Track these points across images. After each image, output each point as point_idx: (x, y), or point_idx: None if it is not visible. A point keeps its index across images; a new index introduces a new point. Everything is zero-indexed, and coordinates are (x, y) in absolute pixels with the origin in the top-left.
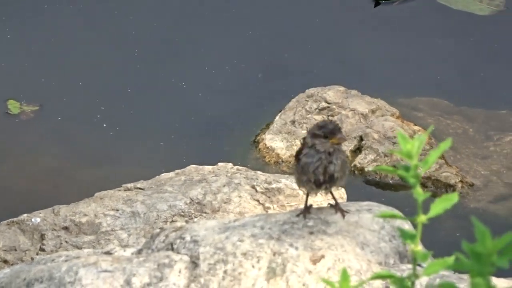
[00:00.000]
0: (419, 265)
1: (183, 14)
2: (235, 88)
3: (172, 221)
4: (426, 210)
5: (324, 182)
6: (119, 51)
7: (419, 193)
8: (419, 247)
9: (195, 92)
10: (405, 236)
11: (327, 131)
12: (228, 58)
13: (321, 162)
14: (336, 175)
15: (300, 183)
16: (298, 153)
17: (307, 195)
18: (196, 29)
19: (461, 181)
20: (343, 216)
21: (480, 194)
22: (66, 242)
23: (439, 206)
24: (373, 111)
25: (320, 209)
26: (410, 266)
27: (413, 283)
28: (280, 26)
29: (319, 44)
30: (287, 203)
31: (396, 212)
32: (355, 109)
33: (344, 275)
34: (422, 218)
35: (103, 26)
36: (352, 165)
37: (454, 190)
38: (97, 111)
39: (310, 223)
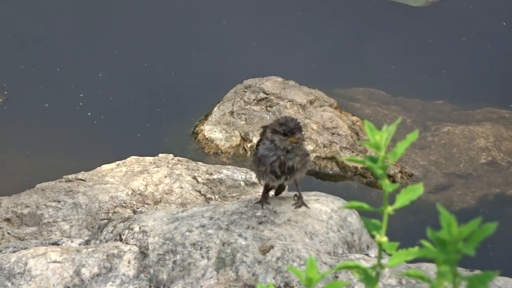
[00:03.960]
0: (367, 254)
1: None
2: (176, 78)
3: (114, 212)
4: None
5: (283, 173)
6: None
7: (387, 185)
8: (385, 238)
9: (137, 82)
10: (370, 227)
11: (287, 129)
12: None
13: (277, 157)
14: (296, 166)
15: (259, 175)
16: (258, 143)
17: (265, 185)
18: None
19: (400, 171)
20: (307, 207)
21: None
22: (8, 233)
23: (405, 197)
24: (311, 102)
25: (270, 198)
26: (358, 255)
27: (378, 274)
28: (229, 18)
29: (257, 36)
30: (229, 193)
31: (362, 203)
32: (293, 100)
33: (311, 264)
34: (389, 209)
35: None
36: None
37: (394, 181)
38: (45, 102)
39: (259, 213)
